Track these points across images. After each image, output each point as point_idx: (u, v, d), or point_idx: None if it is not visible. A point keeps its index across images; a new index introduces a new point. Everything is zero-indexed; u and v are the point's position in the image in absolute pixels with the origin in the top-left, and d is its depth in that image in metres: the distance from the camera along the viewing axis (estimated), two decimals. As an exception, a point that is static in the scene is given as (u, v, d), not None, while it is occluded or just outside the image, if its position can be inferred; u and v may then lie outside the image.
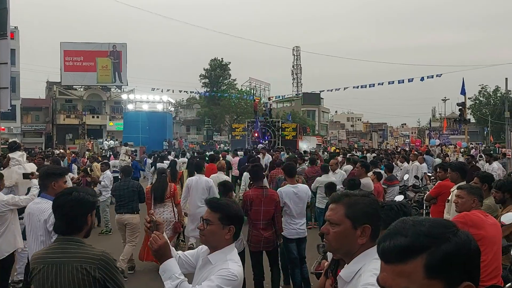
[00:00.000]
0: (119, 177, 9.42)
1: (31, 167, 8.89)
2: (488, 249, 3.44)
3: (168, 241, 2.41)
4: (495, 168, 12.75)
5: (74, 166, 14.52)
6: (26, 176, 5.64)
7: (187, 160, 13.44)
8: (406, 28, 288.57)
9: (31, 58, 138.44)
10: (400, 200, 2.95)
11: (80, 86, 50.35)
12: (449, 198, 5.20)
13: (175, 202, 7.15)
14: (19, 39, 41.05)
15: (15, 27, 38.37)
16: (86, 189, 2.93)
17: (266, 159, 14.12)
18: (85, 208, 2.54)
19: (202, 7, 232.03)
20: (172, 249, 2.57)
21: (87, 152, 24.43)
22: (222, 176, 8.71)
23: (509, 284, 3.37)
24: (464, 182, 5.50)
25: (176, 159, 13.18)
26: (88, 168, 10.86)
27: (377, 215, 1.95)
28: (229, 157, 15.32)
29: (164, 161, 12.92)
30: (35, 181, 5.29)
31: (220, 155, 14.02)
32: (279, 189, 6.19)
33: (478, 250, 1.09)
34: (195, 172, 7.95)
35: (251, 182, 6.75)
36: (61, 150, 29.05)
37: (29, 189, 5.61)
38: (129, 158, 16.12)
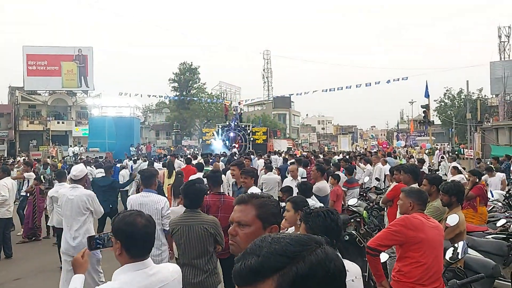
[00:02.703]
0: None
1: None
2: (428, 252, 3.40)
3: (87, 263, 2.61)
4: (387, 170, 12.48)
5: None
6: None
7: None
8: (373, 32, 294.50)
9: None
10: (329, 207, 2.85)
11: (44, 91, 48.95)
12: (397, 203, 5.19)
13: None
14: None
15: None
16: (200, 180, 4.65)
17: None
18: (202, 193, 4.28)
19: (169, 11, 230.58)
20: None
21: (48, 159, 23.61)
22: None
23: (444, 288, 3.33)
24: (416, 185, 5.52)
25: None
26: (42, 176, 10.45)
27: (280, 215, 2.04)
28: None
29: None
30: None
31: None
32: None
33: (340, 270, 0.96)
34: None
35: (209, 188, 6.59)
36: (23, 158, 28.13)
37: None
38: None
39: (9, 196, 8.40)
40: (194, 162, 13.52)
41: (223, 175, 9.98)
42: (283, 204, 5.94)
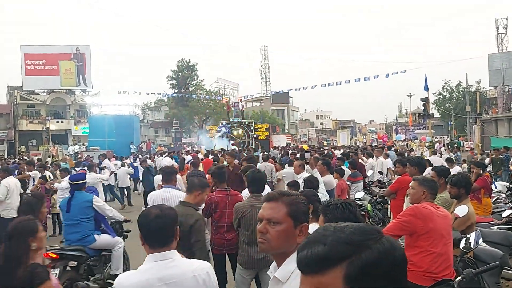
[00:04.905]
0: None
1: None
2: (436, 241, 3.46)
3: None
4: (389, 163, 12.15)
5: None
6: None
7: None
8: (373, 32, 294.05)
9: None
10: (347, 199, 2.91)
11: (43, 90, 48.87)
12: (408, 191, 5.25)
13: None
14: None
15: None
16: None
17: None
18: (265, 180, 4.63)
19: (169, 11, 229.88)
20: None
21: (49, 159, 23.65)
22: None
23: (459, 277, 3.38)
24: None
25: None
26: (47, 175, 10.50)
27: (308, 213, 2.02)
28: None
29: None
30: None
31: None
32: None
33: (404, 258, 1.00)
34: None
35: (214, 185, 6.62)
36: (25, 157, 28.12)
37: None
38: None
39: (8, 196, 8.36)
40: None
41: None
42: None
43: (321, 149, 21.94)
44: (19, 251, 2.78)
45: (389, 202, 8.61)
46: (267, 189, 5.52)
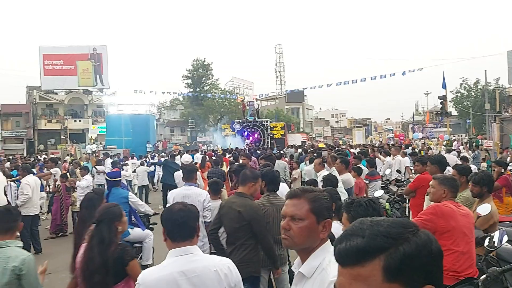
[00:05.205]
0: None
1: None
2: (459, 240, 3.43)
3: None
4: (407, 162, 12.29)
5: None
6: None
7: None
8: (387, 24, 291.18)
9: (9, 63, 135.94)
10: (370, 197, 2.90)
11: (61, 90, 49.62)
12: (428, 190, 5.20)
13: None
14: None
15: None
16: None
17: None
18: (280, 178, 4.78)
19: (180, 8, 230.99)
20: None
21: (67, 157, 24.01)
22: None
23: (484, 276, 3.35)
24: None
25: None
26: (68, 173, 10.67)
27: (332, 209, 2.04)
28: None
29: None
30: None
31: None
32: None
33: (440, 251, 1.02)
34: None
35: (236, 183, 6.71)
36: (44, 156, 28.61)
37: None
38: None
39: (32, 194, 8.52)
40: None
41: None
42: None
43: (336, 148, 21.84)
44: (108, 233, 3.08)
45: (407, 201, 8.55)
46: (283, 187, 5.55)
